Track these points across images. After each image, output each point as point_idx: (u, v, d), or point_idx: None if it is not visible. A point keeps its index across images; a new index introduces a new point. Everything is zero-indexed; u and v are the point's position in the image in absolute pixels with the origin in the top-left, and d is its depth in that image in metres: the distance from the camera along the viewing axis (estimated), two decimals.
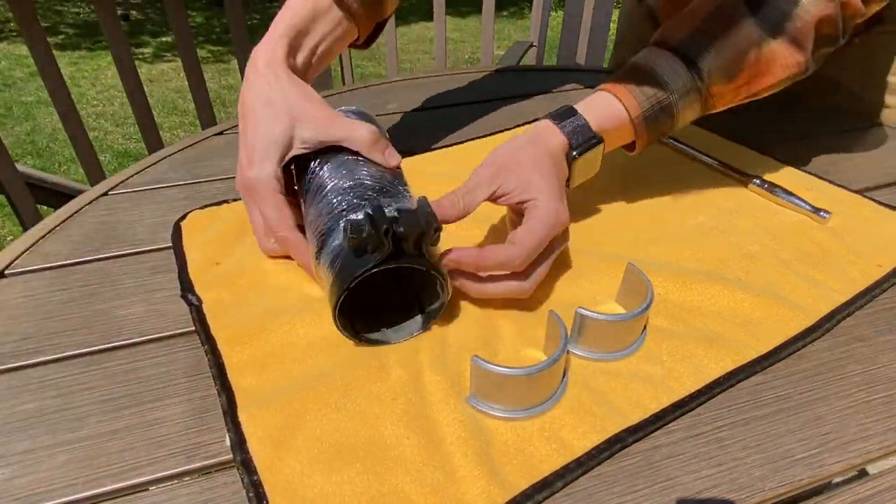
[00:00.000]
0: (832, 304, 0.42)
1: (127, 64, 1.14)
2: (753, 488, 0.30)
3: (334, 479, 0.30)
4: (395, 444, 0.32)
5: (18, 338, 0.40)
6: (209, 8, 4.99)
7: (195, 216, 0.52)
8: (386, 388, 0.35)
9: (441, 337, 0.39)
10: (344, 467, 0.31)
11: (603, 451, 0.32)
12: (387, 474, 0.31)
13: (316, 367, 0.37)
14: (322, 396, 0.35)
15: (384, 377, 0.36)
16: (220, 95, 3.29)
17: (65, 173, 2.37)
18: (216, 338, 0.39)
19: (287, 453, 0.32)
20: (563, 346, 0.34)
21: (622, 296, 0.42)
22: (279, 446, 0.32)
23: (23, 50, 3.52)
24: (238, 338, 0.39)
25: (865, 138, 0.68)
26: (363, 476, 0.30)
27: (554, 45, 1.77)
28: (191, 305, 0.42)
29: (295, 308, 0.41)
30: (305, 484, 0.30)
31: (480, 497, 0.29)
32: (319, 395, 0.35)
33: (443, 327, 0.40)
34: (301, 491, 0.30)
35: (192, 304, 0.42)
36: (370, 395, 0.35)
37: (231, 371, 0.36)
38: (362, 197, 0.39)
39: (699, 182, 0.57)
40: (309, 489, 0.30)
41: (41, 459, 0.32)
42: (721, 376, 0.36)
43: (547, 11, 1.63)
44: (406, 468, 0.31)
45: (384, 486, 0.30)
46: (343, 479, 0.30)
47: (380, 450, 0.32)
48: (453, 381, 0.36)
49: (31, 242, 0.49)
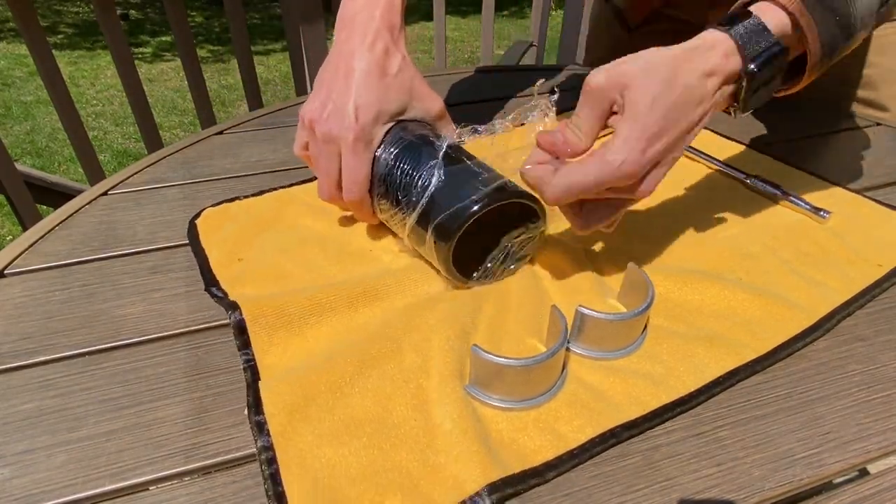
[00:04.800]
0: (832, 304, 0.42)
1: (126, 63, 1.14)
2: (753, 488, 0.30)
3: (341, 452, 0.31)
4: (402, 423, 0.33)
5: (17, 337, 0.40)
6: (209, 8, 4.99)
7: (209, 214, 0.53)
8: (399, 371, 0.36)
9: (452, 323, 0.39)
10: (351, 440, 0.32)
11: (597, 444, 0.32)
12: (391, 451, 0.31)
13: (334, 344, 0.38)
14: (337, 371, 0.35)
15: (398, 358, 0.37)
16: (220, 95, 3.29)
17: (64, 173, 2.37)
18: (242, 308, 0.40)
19: (300, 422, 0.33)
20: (563, 339, 0.34)
21: (623, 295, 0.42)
22: (293, 413, 0.33)
23: (22, 49, 3.52)
24: (263, 315, 0.39)
25: (865, 138, 0.68)
26: (369, 450, 0.31)
27: (554, 44, 1.77)
28: (216, 298, 0.42)
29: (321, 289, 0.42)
30: (314, 454, 0.31)
31: (476, 473, 0.30)
32: (335, 370, 0.35)
33: (454, 312, 0.40)
34: (309, 460, 0.31)
35: (218, 297, 0.42)
36: (383, 374, 0.36)
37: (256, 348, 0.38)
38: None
39: (699, 182, 0.57)
40: (317, 459, 0.31)
41: (40, 459, 0.32)
42: (721, 376, 0.36)
43: (547, 11, 1.63)
44: (410, 447, 0.32)
45: (388, 462, 0.31)
46: (349, 451, 0.31)
47: (387, 428, 0.33)
48: (459, 368, 0.36)
49: (31, 242, 0.49)
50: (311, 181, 0.57)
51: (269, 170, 0.60)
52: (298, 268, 0.45)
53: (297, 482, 0.30)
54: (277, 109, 0.74)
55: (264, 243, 0.48)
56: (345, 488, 0.30)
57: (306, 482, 0.30)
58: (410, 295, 0.42)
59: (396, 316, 0.40)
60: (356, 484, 0.30)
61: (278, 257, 0.46)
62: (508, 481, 0.30)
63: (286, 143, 0.65)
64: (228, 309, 0.40)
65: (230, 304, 0.41)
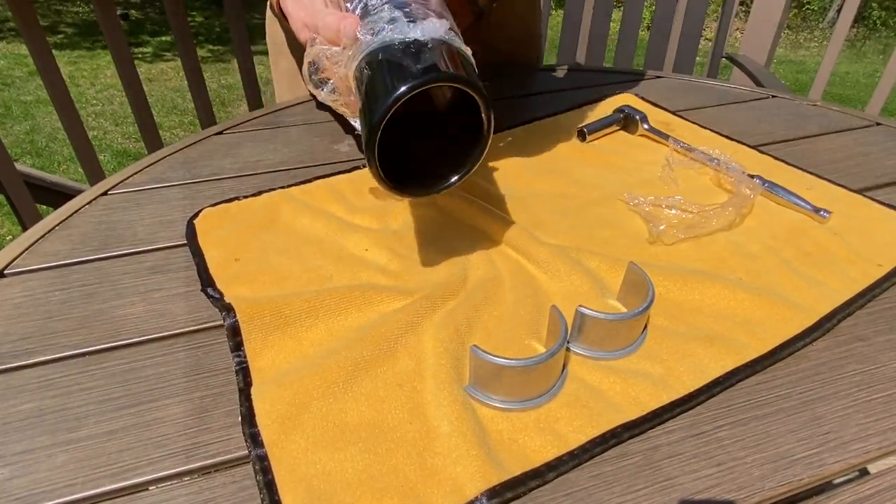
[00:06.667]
0: (832, 304, 0.42)
1: (126, 63, 1.14)
2: (753, 488, 0.30)
3: (337, 457, 0.31)
4: (398, 427, 0.33)
5: (17, 337, 0.39)
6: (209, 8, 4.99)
7: (208, 213, 0.52)
8: (392, 374, 0.36)
9: (447, 324, 0.39)
10: (347, 446, 0.32)
11: (597, 444, 0.32)
12: (387, 455, 0.31)
13: (328, 347, 0.38)
14: (330, 376, 0.35)
15: (392, 360, 0.37)
16: (220, 95, 3.29)
17: (64, 173, 2.37)
18: (237, 310, 0.40)
19: (293, 430, 0.32)
20: (562, 340, 0.34)
21: (623, 295, 0.42)
22: (286, 423, 0.33)
23: (22, 49, 3.52)
24: (258, 316, 0.39)
25: (865, 138, 0.68)
26: (364, 455, 0.31)
27: (554, 45, 1.77)
28: (212, 299, 0.42)
29: (318, 293, 0.42)
30: (309, 460, 0.31)
31: (475, 476, 0.30)
32: (328, 374, 0.35)
33: (450, 314, 0.40)
34: (304, 467, 0.31)
35: (214, 298, 0.42)
36: (376, 377, 0.36)
37: (249, 350, 0.37)
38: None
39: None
40: (311, 465, 0.31)
41: (40, 459, 0.32)
42: (721, 376, 0.36)
43: (547, 11, 1.63)
44: (407, 451, 0.31)
45: (384, 466, 0.31)
46: (345, 456, 0.31)
47: (382, 432, 0.33)
48: (456, 370, 0.36)
49: (30, 242, 0.49)
50: (311, 181, 0.57)
51: (269, 170, 0.60)
52: (296, 268, 0.45)
53: (292, 490, 0.30)
54: (277, 109, 0.74)
55: (262, 244, 0.48)
56: (341, 494, 0.29)
57: (301, 489, 0.30)
58: (405, 296, 0.42)
59: (390, 318, 0.40)
60: (352, 489, 0.30)
61: (276, 258, 0.46)
62: (508, 484, 0.30)
63: (286, 143, 0.65)
64: (223, 311, 0.40)
65: (225, 305, 0.41)
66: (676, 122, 0.69)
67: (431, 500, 0.29)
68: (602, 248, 0.47)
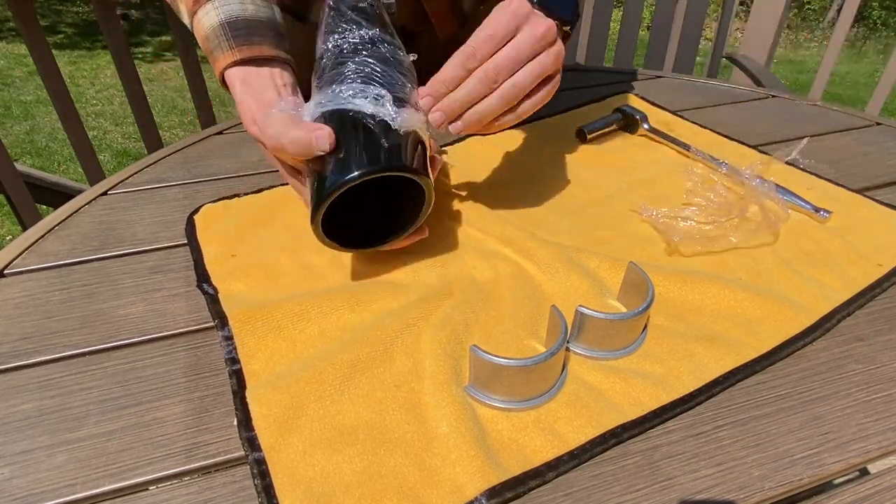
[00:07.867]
0: (832, 304, 0.42)
1: (126, 63, 1.13)
2: (753, 488, 0.30)
3: (335, 459, 0.31)
4: (396, 428, 0.33)
5: (17, 337, 0.39)
6: None
7: (208, 209, 0.53)
8: (390, 375, 0.36)
9: (444, 325, 0.39)
10: (344, 448, 0.32)
11: (597, 444, 0.32)
12: (386, 456, 0.31)
13: (323, 348, 0.38)
14: (326, 378, 0.35)
15: (388, 362, 0.37)
16: (220, 95, 3.28)
17: (64, 173, 2.37)
18: (230, 317, 0.39)
19: (291, 433, 0.32)
20: (562, 340, 0.34)
21: (623, 294, 0.42)
22: (283, 426, 0.33)
23: (22, 49, 3.52)
24: (251, 321, 0.39)
25: (865, 138, 0.68)
26: (363, 456, 0.31)
27: None
28: (206, 295, 0.42)
29: (309, 295, 0.42)
30: (307, 462, 0.31)
31: (475, 477, 0.30)
32: (324, 376, 0.35)
33: (447, 315, 0.40)
34: (302, 470, 0.30)
35: (208, 294, 0.42)
36: (373, 378, 0.36)
37: (242, 354, 0.37)
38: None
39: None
40: (310, 468, 0.31)
41: (40, 459, 0.32)
42: (721, 375, 0.36)
43: None
44: (405, 452, 0.31)
45: (382, 468, 0.31)
46: (343, 458, 0.31)
47: (380, 433, 0.32)
48: (454, 370, 0.36)
49: (30, 242, 0.49)
50: None
51: (269, 170, 0.60)
52: (291, 265, 0.45)
53: (291, 493, 0.29)
54: None
55: (259, 240, 0.48)
56: (340, 496, 0.29)
57: (300, 492, 0.29)
58: (401, 297, 0.42)
59: (386, 319, 0.40)
60: (351, 490, 0.30)
61: (272, 254, 0.46)
62: (508, 484, 0.30)
63: None
64: (216, 318, 0.40)
65: (218, 312, 0.40)
66: (676, 121, 0.69)
67: (431, 500, 0.29)
68: (602, 248, 0.47)
